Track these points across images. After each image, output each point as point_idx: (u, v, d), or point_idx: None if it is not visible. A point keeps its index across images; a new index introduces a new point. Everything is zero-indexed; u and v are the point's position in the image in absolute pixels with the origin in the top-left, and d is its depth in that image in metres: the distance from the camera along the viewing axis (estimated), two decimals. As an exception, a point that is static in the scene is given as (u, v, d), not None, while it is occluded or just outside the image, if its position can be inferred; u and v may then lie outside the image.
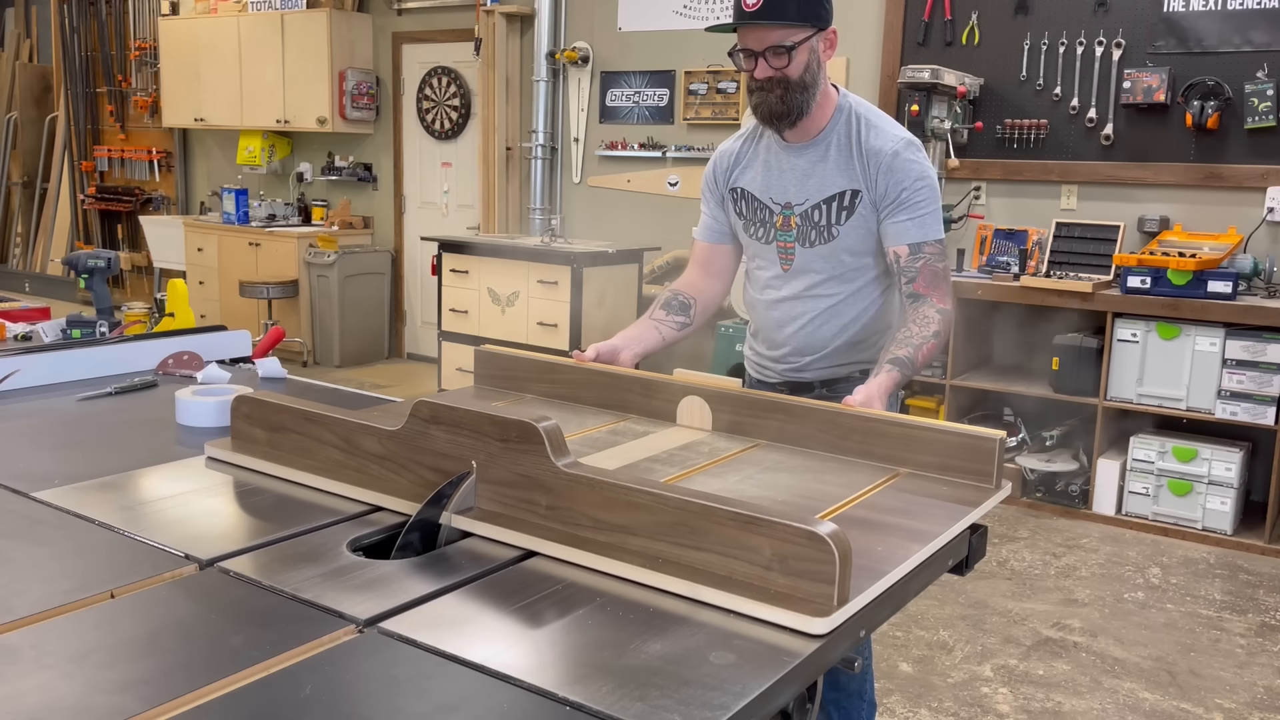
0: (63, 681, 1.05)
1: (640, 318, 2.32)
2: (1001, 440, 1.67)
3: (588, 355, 2.12)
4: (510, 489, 1.46)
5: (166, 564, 1.35)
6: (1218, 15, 4.73)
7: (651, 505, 1.33)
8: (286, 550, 1.40)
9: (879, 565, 1.35)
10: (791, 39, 2.04)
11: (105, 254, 3.13)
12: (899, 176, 2.12)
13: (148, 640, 1.15)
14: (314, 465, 1.65)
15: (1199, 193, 4.87)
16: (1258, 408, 4.42)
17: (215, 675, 1.07)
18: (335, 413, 1.65)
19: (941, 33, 5.39)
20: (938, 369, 5.09)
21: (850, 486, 1.66)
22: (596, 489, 1.37)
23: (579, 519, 1.39)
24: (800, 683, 1.15)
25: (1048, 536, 4.54)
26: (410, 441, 1.55)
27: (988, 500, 1.64)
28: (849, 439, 1.80)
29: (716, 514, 1.28)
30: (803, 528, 1.22)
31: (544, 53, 6.68)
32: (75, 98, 9.80)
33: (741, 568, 1.27)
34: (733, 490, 1.62)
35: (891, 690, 3.16)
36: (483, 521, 1.45)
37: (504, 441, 1.45)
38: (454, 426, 1.50)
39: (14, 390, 2.24)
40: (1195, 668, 3.37)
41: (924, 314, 2.09)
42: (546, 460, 1.41)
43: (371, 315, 7.77)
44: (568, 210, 6.88)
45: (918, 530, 1.48)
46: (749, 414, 1.92)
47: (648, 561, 1.31)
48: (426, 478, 1.53)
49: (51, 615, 1.20)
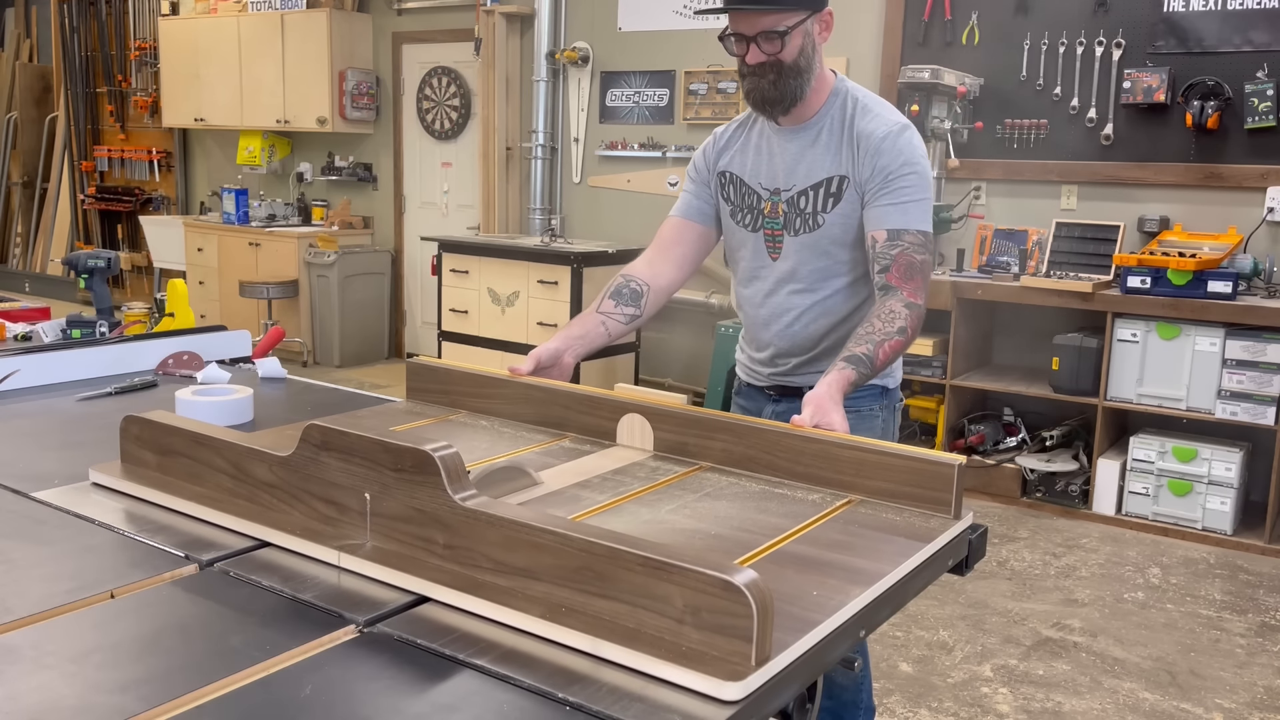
0: (63, 681, 1.05)
1: (586, 310, 2.16)
2: (961, 466, 1.53)
3: (524, 367, 1.98)
4: (405, 524, 1.31)
5: (166, 564, 1.35)
6: (1218, 15, 4.73)
7: (555, 547, 1.18)
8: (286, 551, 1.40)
9: (812, 613, 1.20)
10: (785, 23, 1.95)
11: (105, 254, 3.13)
12: (886, 160, 2.00)
13: (148, 640, 1.15)
14: (202, 493, 1.52)
15: (1199, 193, 4.87)
16: (1258, 408, 4.42)
17: (215, 675, 1.07)
18: (227, 436, 1.53)
19: (941, 33, 5.39)
20: (938, 369, 5.09)
21: (794, 517, 1.52)
22: (497, 527, 1.23)
23: (478, 560, 1.25)
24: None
25: (1048, 536, 4.54)
26: (301, 469, 1.41)
27: (945, 533, 1.48)
28: (798, 462, 1.65)
29: (624, 558, 1.13)
30: (716, 576, 1.07)
31: (544, 53, 6.68)
32: (75, 98, 9.81)
33: (651, 620, 1.12)
34: (664, 522, 1.48)
35: (891, 690, 3.16)
36: (373, 562, 1.30)
37: (398, 471, 1.31)
38: (346, 454, 1.36)
39: (14, 390, 2.24)
40: (1195, 668, 3.37)
41: (890, 308, 1.93)
42: (443, 494, 1.27)
43: (371, 315, 7.77)
44: (568, 210, 6.88)
45: (861, 570, 1.34)
46: (693, 433, 1.76)
47: (549, 611, 1.17)
48: (319, 510, 1.40)
49: (51, 615, 1.20)
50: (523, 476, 1.62)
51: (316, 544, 1.36)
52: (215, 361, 2.43)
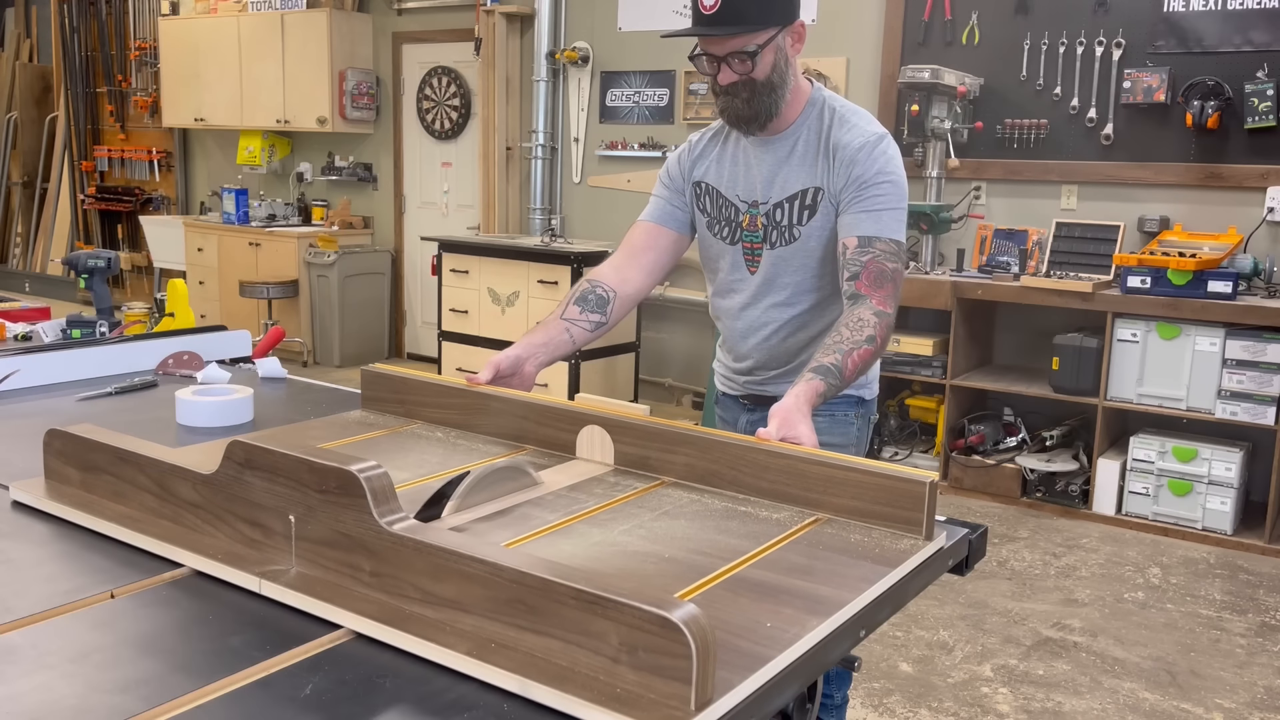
0: (63, 681, 1.05)
1: (550, 316, 2.07)
2: (933, 484, 1.44)
3: (482, 376, 1.89)
4: (331, 550, 1.23)
5: (166, 564, 1.34)
6: (1218, 15, 4.73)
7: (485, 577, 1.10)
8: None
9: (763, 648, 1.11)
10: (754, 43, 1.91)
11: (105, 254, 3.13)
12: (860, 170, 1.96)
13: (148, 640, 1.15)
14: (125, 513, 1.44)
15: (1199, 193, 4.87)
16: (1258, 408, 4.42)
17: (215, 675, 1.07)
18: (151, 451, 1.44)
19: (941, 33, 5.40)
20: (938, 369, 5.09)
21: (755, 537, 1.43)
22: (424, 554, 1.15)
23: (406, 590, 1.17)
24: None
25: (1048, 536, 4.54)
26: (225, 488, 1.33)
27: (913, 556, 1.39)
28: (763, 478, 1.57)
29: (556, 590, 1.05)
30: (654, 611, 0.98)
31: (544, 53, 6.68)
32: (75, 98, 9.81)
33: (585, 658, 1.04)
34: (615, 544, 1.39)
35: (891, 690, 3.16)
36: (295, 590, 1.22)
37: (322, 493, 1.23)
38: (270, 473, 1.28)
39: (14, 390, 2.24)
40: (1195, 668, 3.37)
41: (859, 316, 1.87)
42: (369, 517, 1.19)
43: (371, 315, 7.77)
44: (568, 210, 6.88)
45: (821, 598, 1.25)
46: (655, 447, 1.67)
47: (478, 647, 1.09)
48: (243, 533, 1.32)
49: (51, 615, 1.20)
50: (522, 476, 1.61)
51: (238, 569, 1.27)
52: (215, 361, 2.43)
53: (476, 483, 1.53)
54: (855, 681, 3.06)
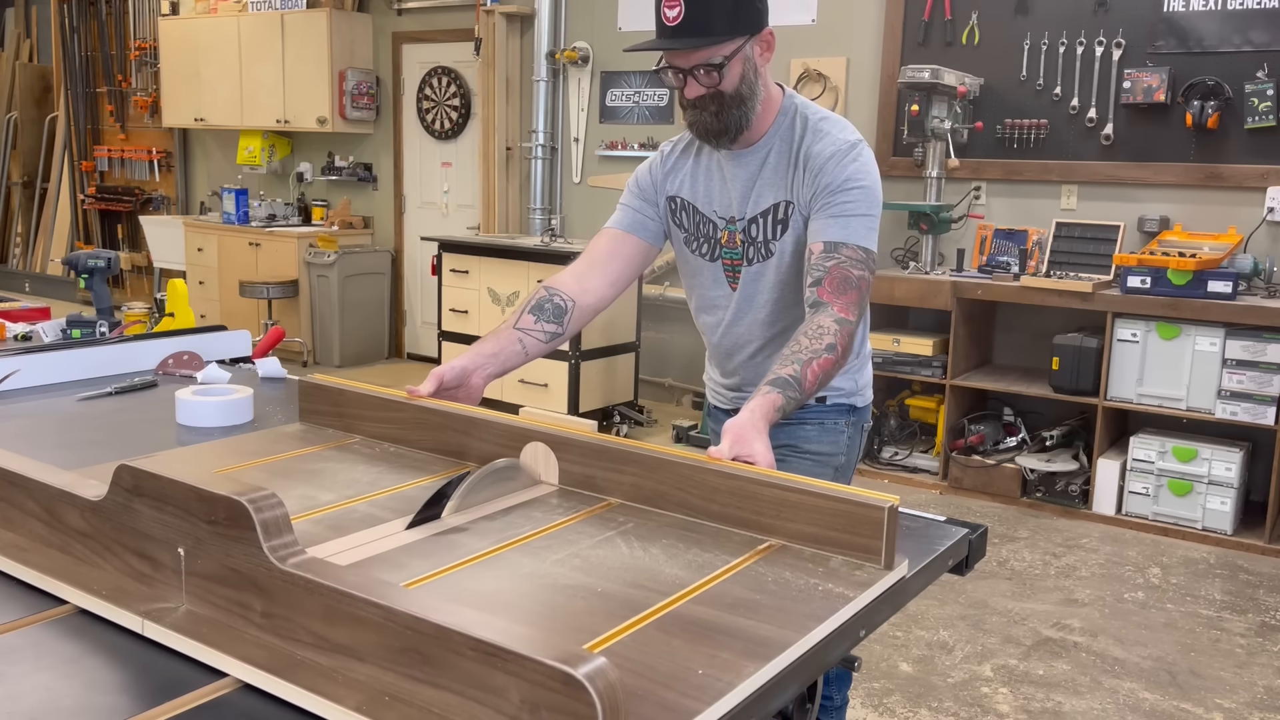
0: (63, 681, 1.05)
1: (502, 324, 1.97)
2: (893, 509, 1.35)
3: (424, 388, 1.79)
4: (222, 587, 1.13)
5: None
6: (1218, 15, 4.73)
7: (378, 621, 1.00)
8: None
9: (690, 700, 1.01)
10: (721, 54, 1.83)
11: (105, 254, 3.14)
12: (830, 177, 1.88)
13: (147, 640, 1.15)
14: (11, 542, 1.34)
15: (1199, 193, 4.87)
16: (1258, 408, 4.42)
17: (215, 675, 1.07)
18: (41, 474, 1.34)
19: (941, 33, 5.40)
20: (938, 369, 5.09)
21: (700, 567, 1.33)
22: (316, 594, 1.05)
23: (298, 633, 1.07)
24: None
25: (1048, 536, 4.54)
26: (114, 517, 1.23)
27: (871, 587, 1.29)
28: (713, 500, 1.47)
29: (453, 639, 0.95)
30: (556, 667, 0.89)
31: (544, 53, 6.68)
32: (75, 98, 9.81)
33: (485, 715, 0.94)
34: (544, 576, 1.30)
35: (891, 690, 3.16)
36: (179, 634, 1.11)
37: (211, 523, 1.13)
38: (158, 500, 1.18)
39: (14, 390, 2.24)
40: (1195, 668, 3.38)
41: (819, 324, 1.77)
42: (259, 551, 1.09)
43: (371, 315, 7.77)
44: (568, 210, 6.88)
45: (762, 640, 1.14)
46: (600, 465, 1.58)
47: (370, 700, 0.99)
48: (132, 566, 1.22)
49: (51, 615, 1.20)
50: (522, 476, 1.61)
51: (121, 608, 1.17)
52: (215, 361, 2.43)
53: (475, 482, 1.53)
54: (855, 681, 3.06)
